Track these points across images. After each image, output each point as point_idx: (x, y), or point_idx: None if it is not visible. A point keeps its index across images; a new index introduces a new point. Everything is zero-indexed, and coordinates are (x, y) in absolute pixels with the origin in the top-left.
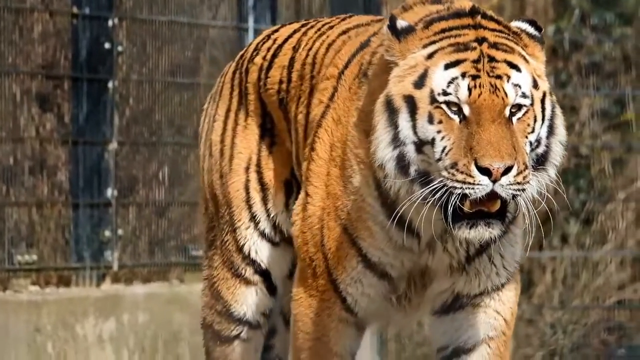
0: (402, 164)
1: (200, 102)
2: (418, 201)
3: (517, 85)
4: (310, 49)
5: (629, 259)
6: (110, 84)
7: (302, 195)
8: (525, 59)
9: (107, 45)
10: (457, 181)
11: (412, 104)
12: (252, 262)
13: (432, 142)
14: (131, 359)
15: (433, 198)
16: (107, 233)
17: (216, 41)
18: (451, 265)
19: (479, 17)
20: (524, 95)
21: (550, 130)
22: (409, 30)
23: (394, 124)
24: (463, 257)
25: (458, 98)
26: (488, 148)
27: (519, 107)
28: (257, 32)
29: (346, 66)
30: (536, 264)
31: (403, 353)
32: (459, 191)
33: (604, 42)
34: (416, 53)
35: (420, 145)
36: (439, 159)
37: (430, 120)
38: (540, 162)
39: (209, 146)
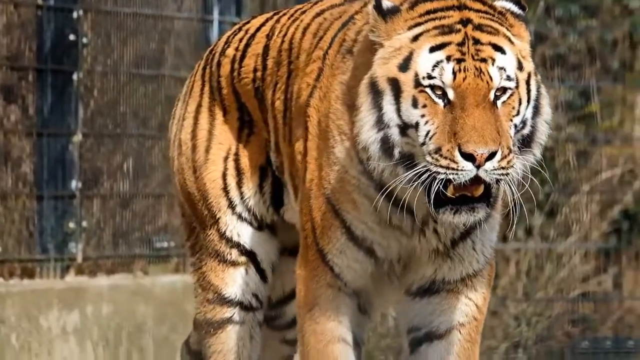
0: (385, 146)
1: (165, 93)
2: (402, 184)
3: (502, 69)
4: (285, 34)
5: (593, 251)
6: (75, 76)
7: (301, 174)
8: (510, 40)
9: (72, 37)
10: (441, 166)
11: (396, 87)
12: (237, 245)
13: (416, 126)
14: (95, 350)
15: (417, 182)
16: (72, 225)
17: (181, 33)
18: (437, 249)
19: None
20: (508, 78)
21: (536, 111)
22: (395, 10)
23: (378, 106)
24: (449, 240)
25: (442, 82)
26: (472, 133)
27: (503, 90)
28: (222, 24)
29: (330, 46)
30: (500, 255)
31: (367, 344)
32: (442, 176)
33: (568, 34)
34: (401, 35)
35: (405, 128)
36: (423, 143)
37: (415, 104)
38: (526, 142)
39: (179, 146)
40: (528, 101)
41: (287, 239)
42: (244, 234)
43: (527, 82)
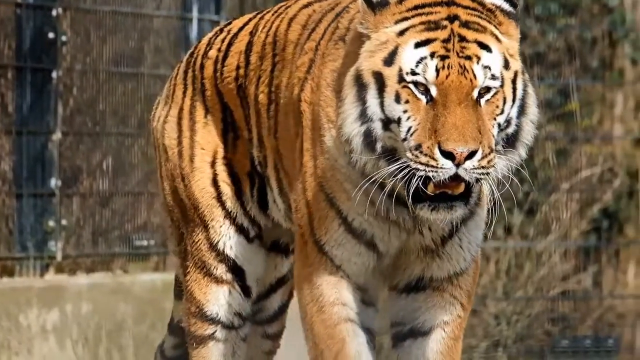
0: (368, 140)
1: (144, 92)
2: (383, 178)
3: (486, 67)
4: (269, 29)
5: (572, 249)
6: (54, 74)
7: (297, 170)
8: (497, 38)
9: (51, 35)
10: (421, 163)
11: (380, 81)
12: (226, 259)
13: (398, 121)
14: (75, 349)
15: (397, 176)
16: (51, 223)
17: (160, 31)
18: (428, 246)
19: None
20: (493, 77)
21: (522, 110)
22: (384, 4)
23: (362, 99)
24: (439, 238)
25: (426, 79)
26: (452, 131)
27: (487, 89)
28: (201, 22)
29: (322, 37)
30: (480, 254)
31: None
32: (421, 173)
33: (547, 32)
34: (388, 28)
35: (387, 123)
36: (405, 139)
37: (398, 99)
38: (511, 141)
39: (164, 151)
40: (513, 100)
41: (268, 235)
42: (234, 247)
43: (513, 81)
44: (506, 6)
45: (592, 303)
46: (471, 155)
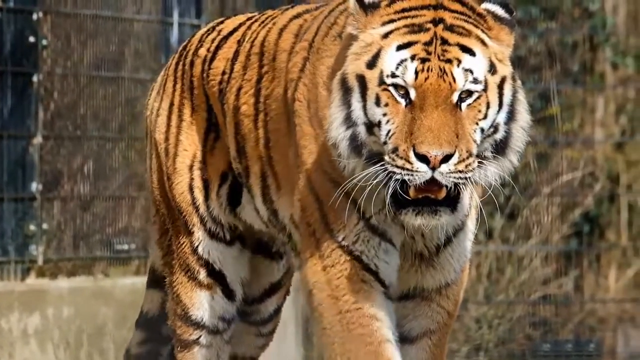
0: (354, 144)
1: (125, 96)
2: (370, 182)
3: (468, 70)
4: (254, 39)
5: (553, 253)
6: (34, 78)
7: (296, 171)
8: (483, 42)
9: (31, 39)
10: (397, 166)
11: (363, 84)
12: (206, 264)
13: (379, 124)
14: (56, 353)
15: (376, 180)
16: (32, 227)
17: (141, 35)
18: (422, 254)
19: None
20: (475, 81)
21: (511, 116)
22: (375, 5)
23: (347, 103)
24: (434, 246)
25: (405, 81)
26: (427, 135)
27: (469, 93)
28: (181, 27)
29: (315, 35)
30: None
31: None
32: (398, 177)
33: (528, 36)
34: (374, 30)
35: (370, 126)
36: (385, 142)
37: (378, 102)
38: (500, 148)
39: (154, 145)
40: (500, 106)
41: (249, 236)
42: (214, 252)
43: (500, 86)
44: (500, 12)
45: (573, 307)
46: (446, 158)
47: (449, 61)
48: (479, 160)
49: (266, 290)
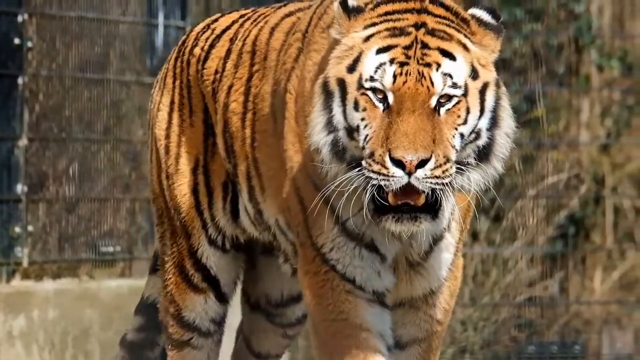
0: (336, 149)
1: (110, 97)
2: (343, 186)
3: (447, 75)
4: (246, 38)
5: (539, 255)
6: (20, 80)
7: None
8: (465, 47)
9: (16, 41)
10: (373, 172)
11: (343, 89)
12: (203, 268)
13: (358, 129)
14: (41, 355)
15: (353, 186)
16: (17, 229)
17: (126, 37)
18: (410, 260)
19: (426, 2)
20: (454, 86)
21: (494, 122)
22: (358, 10)
23: (328, 107)
24: (423, 252)
25: (383, 85)
26: (403, 139)
27: (448, 97)
28: (167, 28)
29: (309, 24)
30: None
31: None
32: (374, 182)
33: (513, 38)
34: (356, 34)
35: (351, 131)
36: (363, 147)
37: (356, 106)
38: (483, 154)
39: (154, 140)
40: (482, 111)
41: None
42: (211, 258)
43: (482, 92)
44: (486, 17)
45: (558, 309)
46: (422, 163)
47: (428, 65)
48: (462, 166)
49: (292, 297)
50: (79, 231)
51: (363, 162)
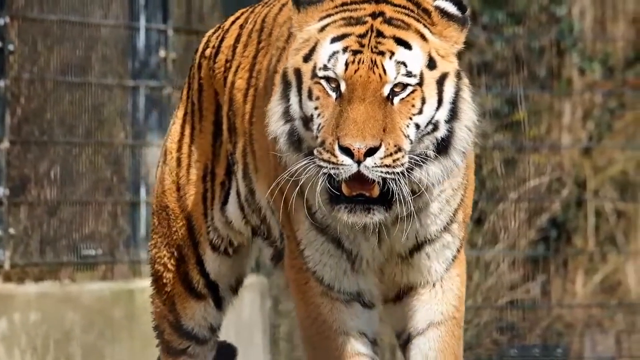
0: (292, 139)
1: (92, 101)
2: (296, 175)
3: (401, 63)
4: (257, 17)
5: (521, 259)
6: (1, 83)
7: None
8: (423, 36)
9: None
10: (323, 160)
11: (299, 78)
12: (206, 274)
13: (311, 118)
14: (23, 357)
15: (306, 175)
16: None
17: (108, 40)
18: (400, 254)
19: None
20: (409, 74)
21: (453, 114)
22: (307, 2)
23: (286, 97)
24: (408, 249)
25: (335, 73)
26: (351, 127)
27: (402, 86)
28: (148, 31)
29: None
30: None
31: (294, 352)
32: (325, 170)
33: (495, 41)
34: (311, 26)
35: (306, 121)
36: (316, 137)
37: (310, 95)
38: (442, 147)
39: (164, 153)
40: (440, 102)
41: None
42: (213, 262)
43: (440, 82)
44: (450, 8)
45: (540, 312)
46: (371, 152)
47: (382, 53)
48: (420, 158)
49: None
50: (61, 234)
51: (314, 151)
